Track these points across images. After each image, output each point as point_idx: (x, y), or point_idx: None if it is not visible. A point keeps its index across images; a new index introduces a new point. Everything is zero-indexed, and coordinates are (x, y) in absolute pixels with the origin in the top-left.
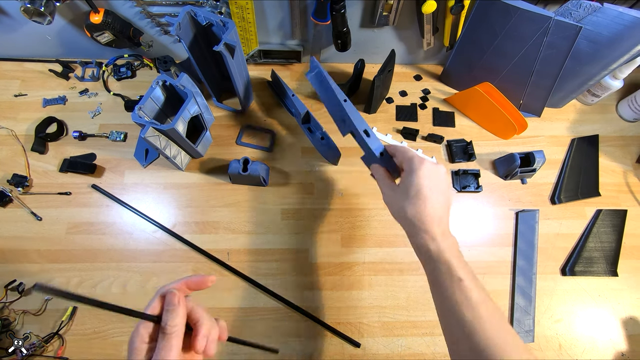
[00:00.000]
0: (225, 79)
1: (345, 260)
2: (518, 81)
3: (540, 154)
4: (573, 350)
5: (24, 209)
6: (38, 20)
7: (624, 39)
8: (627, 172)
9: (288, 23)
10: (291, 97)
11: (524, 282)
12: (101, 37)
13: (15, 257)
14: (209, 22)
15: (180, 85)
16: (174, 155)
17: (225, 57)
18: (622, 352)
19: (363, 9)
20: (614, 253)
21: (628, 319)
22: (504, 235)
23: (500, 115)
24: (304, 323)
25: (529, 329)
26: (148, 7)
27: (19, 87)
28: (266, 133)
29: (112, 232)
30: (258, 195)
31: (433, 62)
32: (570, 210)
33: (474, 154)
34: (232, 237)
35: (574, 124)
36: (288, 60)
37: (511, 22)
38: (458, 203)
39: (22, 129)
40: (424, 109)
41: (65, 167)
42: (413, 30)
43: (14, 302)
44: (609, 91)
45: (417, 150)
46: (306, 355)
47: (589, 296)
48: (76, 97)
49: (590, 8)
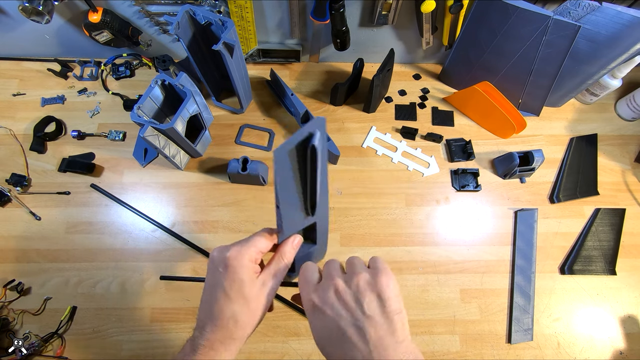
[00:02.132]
0: (224, 78)
1: (345, 260)
2: (517, 80)
3: (539, 153)
4: (572, 349)
5: (23, 209)
6: (36, 19)
7: (622, 38)
8: (626, 171)
9: (287, 22)
10: (290, 96)
11: (523, 281)
12: (100, 36)
13: (15, 257)
14: (208, 21)
15: (179, 85)
16: (173, 155)
17: (224, 57)
18: (620, 350)
19: (362, 8)
20: (613, 252)
21: (626, 317)
22: (503, 234)
23: (499, 115)
24: (303, 322)
25: (527, 327)
26: (147, 6)
27: (18, 87)
28: (265, 132)
29: (111, 231)
30: (257, 195)
31: (432, 61)
32: (569, 209)
33: (473, 153)
34: (232, 237)
35: (572, 123)
36: (287, 59)
37: (510, 21)
38: (457, 202)
39: (20, 128)
40: (423, 108)
41: (64, 167)
42: (412, 30)
43: (13, 302)
44: (607, 90)
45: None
46: (305, 355)
47: (587, 295)
48: (75, 96)
49: (589, 7)
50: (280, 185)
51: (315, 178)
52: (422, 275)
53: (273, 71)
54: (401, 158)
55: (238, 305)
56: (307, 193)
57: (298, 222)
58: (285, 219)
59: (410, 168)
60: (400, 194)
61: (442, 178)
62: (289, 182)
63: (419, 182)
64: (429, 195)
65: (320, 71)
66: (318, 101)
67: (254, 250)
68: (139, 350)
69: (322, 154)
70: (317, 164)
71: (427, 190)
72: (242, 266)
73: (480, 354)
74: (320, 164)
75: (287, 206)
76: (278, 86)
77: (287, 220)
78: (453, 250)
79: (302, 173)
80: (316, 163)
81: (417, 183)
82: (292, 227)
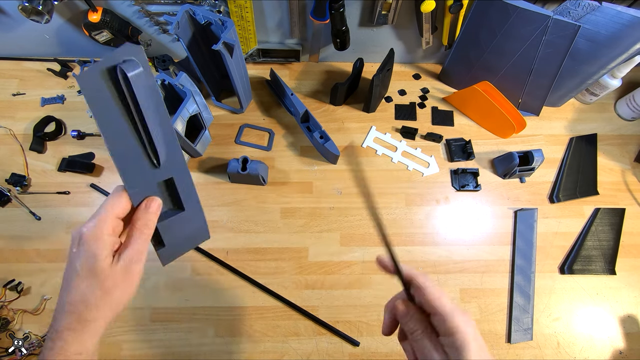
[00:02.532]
0: (224, 78)
1: (345, 259)
2: (517, 80)
3: (538, 152)
4: (571, 349)
5: (23, 209)
6: (36, 19)
7: (622, 38)
8: (625, 170)
9: (287, 22)
10: (290, 96)
11: (523, 280)
12: (99, 36)
13: (14, 257)
14: (208, 21)
15: (179, 85)
16: None
17: (224, 56)
18: (620, 350)
19: (362, 8)
20: (612, 251)
21: (626, 317)
22: (503, 234)
23: (499, 114)
24: (303, 322)
25: (527, 327)
26: (146, 5)
27: (17, 86)
28: (265, 132)
29: None
30: (257, 194)
31: (432, 61)
32: (568, 209)
33: (472, 153)
34: (231, 236)
35: (572, 122)
36: (287, 59)
37: (510, 21)
38: (457, 202)
39: (20, 128)
40: (422, 107)
41: (63, 167)
42: (412, 29)
43: (13, 302)
44: (607, 90)
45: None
46: (305, 354)
47: (587, 294)
48: (74, 96)
49: (588, 7)
50: (101, 122)
51: (143, 117)
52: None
53: (273, 71)
54: (401, 158)
55: (87, 284)
56: (141, 136)
57: (147, 175)
58: (125, 169)
59: (410, 168)
60: (400, 193)
61: (442, 178)
62: (115, 121)
63: (419, 182)
64: (429, 195)
65: (320, 71)
66: (318, 101)
67: (110, 217)
68: (139, 350)
69: (146, 89)
70: (137, 100)
71: (427, 190)
72: (96, 239)
73: None
74: (144, 101)
75: (122, 151)
76: (278, 86)
77: (128, 171)
78: (453, 250)
79: (127, 110)
80: (136, 98)
81: (417, 183)
82: (140, 183)
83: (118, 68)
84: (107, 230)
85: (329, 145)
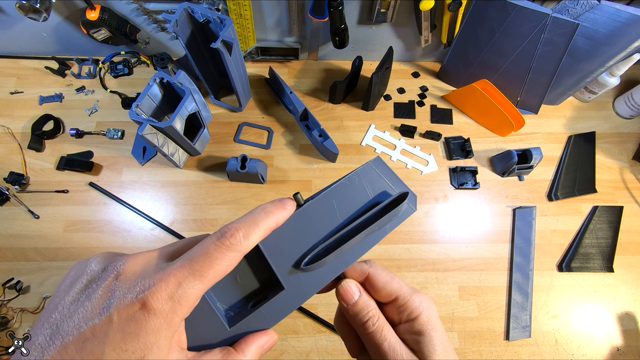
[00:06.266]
0: (223, 76)
1: None
2: (515, 78)
3: (537, 150)
4: (569, 346)
5: (21, 207)
6: (34, 17)
7: (621, 36)
8: (623, 168)
9: (286, 20)
10: (289, 94)
11: (521, 278)
12: (98, 34)
13: (13, 255)
14: (206, 19)
15: (178, 83)
16: (171, 153)
17: (222, 54)
18: (617, 347)
19: (361, 6)
20: (610, 249)
21: (624, 314)
22: (501, 232)
23: (497, 112)
24: (302, 320)
25: (525, 324)
26: (145, 3)
27: (15, 85)
28: (264, 130)
29: (109, 230)
30: (256, 193)
31: (431, 59)
32: (566, 207)
33: (471, 151)
34: None
35: (570, 120)
36: (286, 57)
37: (509, 19)
38: (456, 200)
39: (18, 126)
40: (421, 106)
41: (62, 165)
42: (411, 28)
43: (12, 300)
44: (605, 88)
45: (415, 147)
46: (304, 352)
47: (585, 292)
48: (73, 94)
49: (587, 5)
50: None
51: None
52: (420, 273)
53: (272, 69)
54: (400, 156)
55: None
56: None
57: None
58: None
59: (409, 166)
60: None
61: (440, 176)
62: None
63: (418, 180)
64: (428, 193)
65: (319, 69)
66: (317, 99)
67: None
68: None
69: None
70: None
71: (425, 188)
72: (175, 317)
73: (479, 351)
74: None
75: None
76: (277, 84)
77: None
78: (451, 247)
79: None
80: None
81: (416, 181)
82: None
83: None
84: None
85: (328, 143)
